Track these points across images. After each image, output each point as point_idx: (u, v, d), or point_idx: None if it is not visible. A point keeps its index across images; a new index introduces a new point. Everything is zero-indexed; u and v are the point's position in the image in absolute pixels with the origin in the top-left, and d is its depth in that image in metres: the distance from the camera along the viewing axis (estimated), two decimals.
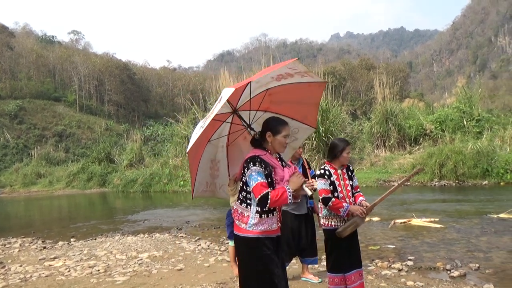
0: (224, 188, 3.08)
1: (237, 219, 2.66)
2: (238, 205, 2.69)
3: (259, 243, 2.57)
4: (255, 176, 2.51)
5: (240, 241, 2.65)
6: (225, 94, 2.46)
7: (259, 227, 2.57)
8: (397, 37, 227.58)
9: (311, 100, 3.09)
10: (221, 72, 24.03)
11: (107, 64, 73.58)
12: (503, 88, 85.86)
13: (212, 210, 12.80)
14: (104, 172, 27.99)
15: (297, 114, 3.08)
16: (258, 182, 2.48)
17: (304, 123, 3.15)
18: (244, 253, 2.64)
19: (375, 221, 8.15)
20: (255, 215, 2.59)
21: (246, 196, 2.63)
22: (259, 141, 2.69)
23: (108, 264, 6.00)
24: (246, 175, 2.57)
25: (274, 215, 2.63)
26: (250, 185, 2.51)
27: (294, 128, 3.09)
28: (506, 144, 15.87)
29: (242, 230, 2.61)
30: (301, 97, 2.97)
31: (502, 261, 4.98)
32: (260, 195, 2.45)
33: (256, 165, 2.54)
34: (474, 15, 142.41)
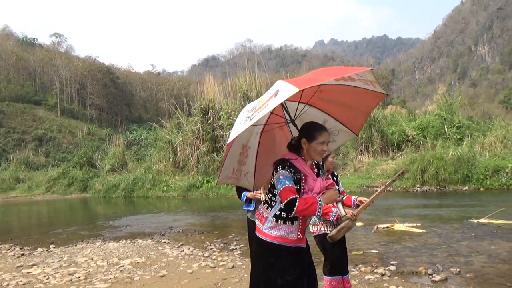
0: (248, 176, 2.93)
1: (258, 219, 2.65)
2: (262, 206, 2.68)
3: (275, 250, 2.52)
4: (282, 180, 2.41)
5: (258, 241, 2.63)
6: (285, 92, 2.16)
7: (274, 232, 2.52)
8: (380, 45, 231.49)
9: (362, 107, 2.88)
10: (206, 77, 24.03)
11: (90, 68, 72.70)
12: (483, 96, 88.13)
13: (196, 216, 12.70)
14: (86, 177, 27.52)
15: (342, 116, 2.89)
16: (286, 186, 2.39)
17: (347, 126, 2.94)
18: (259, 254, 2.64)
19: (358, 226, 8.20)
20: (272, 218, 2.54)
21: (271, 198, 2.58)
22: (295, 146, 2.58)
23: (88, 271, 5.87)
24: (274, 177, 2.49)
25: (294, 224, 2.53)
26: (278, 189, 2.43)
27: (334, 130, 2.92)
28: (486, 150, 16.22)
29: (260, 231, 2.60)
30: (353, 102, 2.78)
31: (482, 265, 5.06)
32: (287, 200, 2.36)
33: (285, 169, 2.43)
34: (454, 25, 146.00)
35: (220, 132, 21.36)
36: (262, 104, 2.33)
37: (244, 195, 4.38)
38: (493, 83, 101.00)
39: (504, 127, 17.95)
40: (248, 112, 2.50)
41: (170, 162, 23.12)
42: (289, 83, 2.19)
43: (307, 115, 2.82)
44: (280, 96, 2.16)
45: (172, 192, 20.56)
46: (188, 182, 20.33)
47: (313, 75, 2.48)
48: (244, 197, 4.38)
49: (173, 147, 23.28)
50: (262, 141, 2.87)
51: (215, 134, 21.56)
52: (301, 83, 2.21)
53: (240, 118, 2.61)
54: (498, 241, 6.22)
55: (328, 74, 2.37)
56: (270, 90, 2.40)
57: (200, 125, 22.02)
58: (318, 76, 2.40)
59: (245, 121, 2.40)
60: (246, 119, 2.42)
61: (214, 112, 21.85)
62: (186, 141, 22.59)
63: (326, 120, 2.88)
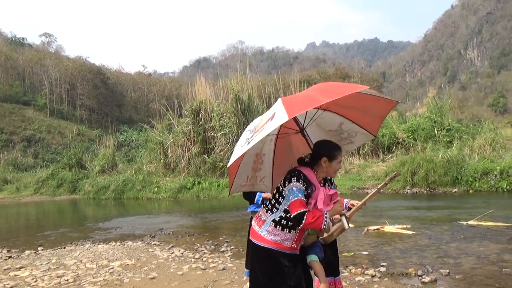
0: (265, 181, 2.94)
1: (255, 221, 2.68)
2: (262, 208, 2.71)
3: (271, 256, 2.55)
4: (295, 192, 2.46)
5: (255, 248, 2.65)
6: (278, 118, 2.17)
7: (270, 236, 2.55)
8: (371, 48, 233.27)
9: (377, 112, 2.86)
10: (197, 78, 23.98)
11: (80, 68, 71.99)
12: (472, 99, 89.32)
13: (187, 217, 12.64)
14: (75, 179, 27.21)
15: (359, 119, 2.88)
16: (298, 199, 2.44)
17: (364, 128, 2.95)
18: (256, 260, 2.66)
19: (349, 228, 8.21)
20: (270, 222, 2.58)
21: (274, 204, 2.61)
22: (308, 161, 2.63)
23: (77, 273, 5.80)
24: (286, 187, 2.53)
25: (291, 233, 2.58)
26: (288, 199, 2.48)
27: (351, 131, 2.95)
28: (475, 153, 16.39)
29: (256, 234, 2.62)
30: (367, 107, 2.77)
31: (471, 266, 5.10)
32: (297, 212, 2.42)
33: (300, 182, 2.49)
34: (445, 29, 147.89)
35: (211, 134, 21.31)
36: (260, 126, 2.36)
37: (260, 196, 4.21)
38: (482, 86, 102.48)
39: (493, 130, 18.16)
40: (249, 133, 2.53)
41: (160, 163, 22.98)
42: (284, 107, 2.22)
43: (323, 119, 2.86)
44: (274, 122, 2.19)
45: (162, 193, 20.44)
46: (179, 183, 20.23)
47: (312, 92, 2.46)
48: (260, 197, 4.21)
49: (164, 148, 23.15)
50: (278, 146, 2.89)
51: (206, 135, 21.50)
52: (294, 107, 2.23)
53: (242, 139, 2.62)
54: (487, 243, 6.29)
55: (326, 94, 2.33)
56: (271, 110, 2.43)
57: (191, 127, 21.94)
58: (315, 95, 2.37)
59: (245, 144, 2.44)
60: (246, 141, 2.47)
61: (206, 114, 21.79)
62: (177, 142, 22.48)
63: (342, 123, 2.91)
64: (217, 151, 20.70)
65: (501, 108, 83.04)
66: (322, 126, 2.95)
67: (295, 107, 2.24)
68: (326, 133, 2.97)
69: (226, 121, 20.76)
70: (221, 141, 20.69)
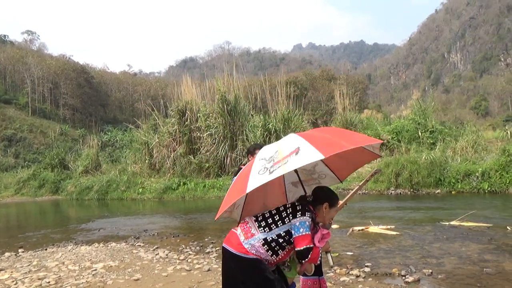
0: (238, 208, 2.96)
1: (242, 229, 2.62)
2: (252, 220, 2.64)
3: (256, 265, 2.52)
4: (307, 227, 2.54)
5: (235, 258, 2.56)
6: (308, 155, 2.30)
7: (254, 251, 2.53)
8: (357, 50, 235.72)
9: (355, 161, 3.03)
10: (184, 78, 23.84)
11: (63, 67, 70.91)
12: (455, 102, 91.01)
13: (171, 218, 12.53)
14: (57, 179, 26.77)
15: (334, 164, 3.01)
16: (307, 234, 2.53)
17: (335, 173, 3.10)
18: (239, 271, 2.56)
19: (334, 229, 8.27)
20: (260, 240, 2.55)
21: (269, 224, 2.59)
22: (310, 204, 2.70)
23: (59, 275, 5.69)
24: (297, 217, 2.55)
25: (272, 257, 2.57)
26: (298, 231, 2.52)
27: (322, 173, 3.07)
28: (457, 155, 16.67)
29: (238, 245, 2.55)
30: (348, 155, 2.84)
31: (454, 266, 5.18)
32: (305, 247, 2.49)
33: (311, 219, 2.59)
34: (429, 32, 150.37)
35: (197, 134, 21.21)
36: (281, 158, 2.40)
37: None
38: (465, 89, 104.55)
39: (475, 132, 18.50)
40: (265, 162, 2.51)
41: (145, 164, 22.78)
42: (312, 145, 2.33)
43: None
44: (304, 158, 2.28)
45: (147, 194, 20.25)
46: (164, 184, 20.07)
47: (329, 135, 2.61)
48: None
49: (149, 149, 22.95)
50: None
51: (192, 136, 21.39)
52: (326, 147, 2.33)
53: (257, 167, 2.55)
54: (468, 243, 6.39)
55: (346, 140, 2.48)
56: (286, 143, 2.52)
57: (177, 127, 21.80)
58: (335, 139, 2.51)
59: (264, 172, 2.42)
60: (264, 170, 2.44)
61: (192, 114, 21.68)
62: (162, 143, 22.32)
63: (317, 164, 3.01)
64: (203, 152, 20.61)
65: (483, 111, 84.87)
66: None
67: (327, 147, 2.33)
68: (299, 171, 2.97)
69: (212, 122, 20.69)
70: (207, 141, 20.60)
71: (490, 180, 13.72)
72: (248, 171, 2.59)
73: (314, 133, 2.78)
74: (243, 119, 20.66)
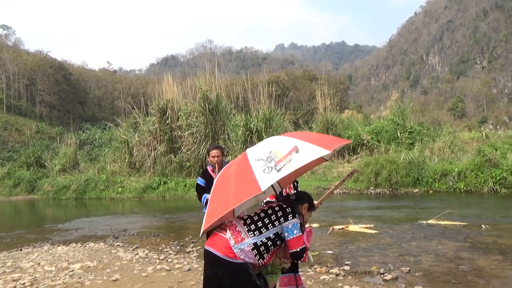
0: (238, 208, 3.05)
1: (231, 233, 2.56)
2: (240, 224, 2.61)
3: (245, 269, 2.50)
4: (299, 229, 2.66)
5: (221, 263, 2.50)
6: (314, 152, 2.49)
7: (242, 255, 2.50)
8: (339, 51, 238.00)
9: (302, 170, 3.11)
10: (165, 76, 23.58)
11: (40, 63, 68.97)
12: (433, 103, 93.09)
13: (151, 218, 12.40)
14: (34, 178, 26.10)
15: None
16: (301, 235, 2.64)
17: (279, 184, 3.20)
18: (225, 276, 2.50)
19: (314, 228, 8.33)
20: (250, 244, 2.53)
21: (259, 227, 2.59)
22: (292, 202, 2.82)
23: (35, 276, 5.55)
24: (288, 219, 2.63)
25: (258, 261, 2.56)
26: (292, 234, 2.61)
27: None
28: (435, 155, 17.06)
29: (225, 250, 2.50)
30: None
31: (430, 264, 5.29)
32: (301, 248, 2.61)
33: (300, 220, 2.71)
34: (408, 34, 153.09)
35: (178, 133, 21.03)
36: (282, 156, 2.48)
37: (205, 197, 4.34)
38: (443, 91, 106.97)
39: (452, 133, 18.97)
40: (265, 162, 2.50)
41: (125, 163, 22.44)
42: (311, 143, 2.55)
43: None
44: (308, 154, 2.47)
45: (127, 193, 19.96)
46: (144, 183, 19.83)
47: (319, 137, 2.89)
48: (205, 199, 4.35)
49: (129, 147, 22.62)
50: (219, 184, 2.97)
51: (173, 134, 21.20)
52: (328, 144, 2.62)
53: (259, 167, 2.50)
54: (445, 241, 6.54)
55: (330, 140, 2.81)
56: (278, 143, 2.65)
57: (158, 125, 21.57)
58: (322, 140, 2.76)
59: (271, 171, 2.43)
60: (270, 169, 2.44)
61: (173, 112, 21.48)
62: (142, 141, 22.03)
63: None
64: (184, 151, 20.45)
65: (459, 112, 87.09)
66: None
67: (328, 143, 2.63)
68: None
69: (193, 120, 20.55)
70: (188, 140, 20.46)
71: (466, 179, 14.08)
72: (245, 172, 2.53)
73: (296, 134, 2.85)
74: (225, 118, 20.60)
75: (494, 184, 13.36)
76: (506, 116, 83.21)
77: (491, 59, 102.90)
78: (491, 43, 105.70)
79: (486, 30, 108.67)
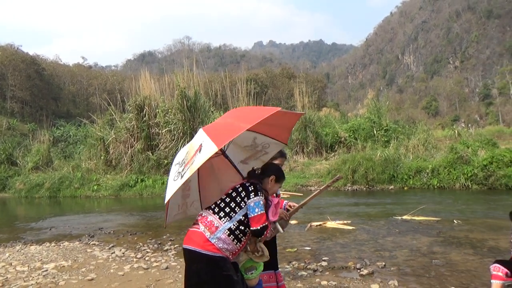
0: (195, 204, 3.05)
1: (204, 226, 2.56)
2: (210, 213, 2.62)
3: (224, 264, 2.51)
4: (261, 206, 2.60)
5: (200, 258, 2.50)
6: (207, 150, 2.35)
7: (220, 245, 2.51)
8: (316, 49, 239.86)
9: (285, 124, 3.09)
10: (142, 72, 23.21)
11: (11, 57, 66.65)
12: (408, 101, 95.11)
13: (128, 216, 12.21)
14: (4, 176, 25.26)
15: (270, 132, 3.06)
16: (262, 213, 2.58)
17: (275, 139, 3.14)
18: (205, 271, 2.49)
19: (292, 224, 8.40)
20: (225, 230, 2.53)
21: (228, 212, 2.58)
22: (257, 177, 2.78)
23: (6, 277, 5.38)
24: (250, 197, 2.59)
25: (236, 245, 2.59)
26: (254, 212, 2.57)
27: (265, 144, 3.12)
28: (410, 152, 17.47)
29: (203, 244, 2.50)
30: (275, 121, 2.92)
31: (405, 259, 5.42)
32: (262, 225, 2.56)
33: (263, 196, 2.65)
34: (384, 34, 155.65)
35: (155, 130, 20.77)
36: (190, 158, 2.50)
37: None
38: (417, 90, 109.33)
39: (426, 131, 19.47)
40: (178, 167, 2.62)
41: (101, 160, 22.01)
42: (210, 138, 2.41)
43: (237, 138, 2.87)
44: (204, 153, 2.36)
45: (103, 191, 19.59)
46: (121, 181, 19.51)
47: (231, 120, 2.71)
48: None
49: (105, 145, 22.19)
50: (201, 171, 2.98)
51: (151, 131, 20.92)
52: (221, 137, 2.42)
53: (172, 173, 2.68)
54: (419, 236, 6.72)
55: (245, 120, 2.55)
56: (196, 140, 2.56)
57: (135, 122, 21.23)
58: (236, 122, 2.60)
59: (178, 178, 2.53)
60: (177, 175, 2.56)
61: (150, 109, 21.19)
62: (119, 139, 21.65)
63: (255, 138, 3.05)
64: (161, 148, 20.23)
65: (433, 111, 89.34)
66: (238, 143, 3.06)
67: (221, 137, 2.43)
68: (243, 149, 3.09)
69: (171, 118, 20.34)
70: (166, 137, 20.24)
71: (439, 176, 14.49)
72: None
73: (220, 120, 2.88)
74: (203, 115, 20.47)
75: (466, 180, 13.80)
76: (477, 114, 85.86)
77: (463, 59, 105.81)
78: (463, 44, 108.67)
79: (459, 31, 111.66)
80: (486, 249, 5.74)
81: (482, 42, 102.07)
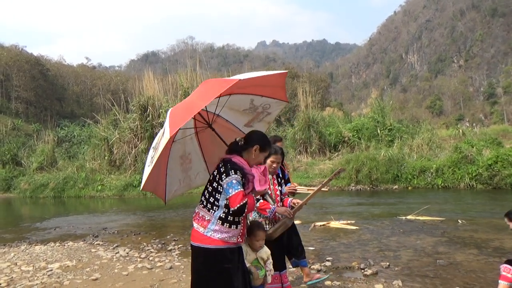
0: (201, 174, 3.02)
1: (197, 222, 2.60)
2: (201, 208, 2.62)
3: (221, 256, 2.52)
4: (235, 185, 2.46)
5: (199, 252, 2.56)
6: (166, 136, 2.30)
7: (217, 235, 2.51)
8: (320, 49, 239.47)
9: (276, 83, 2.98)
10: (145, 73, 23.30)
11: (16, 58, 67.05)
12: (412, 101, 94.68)
13: (132, 216, 12.25)
14: (9, 176, 25.45)
15: (265, 92, 2.96)
16: (238, 191, 2.45)
17: (274, 97, 3.03)
18: (203, 265, 2.55)
19: (296, 225, 8.38)
20: (217, 221, 2.54)
21: (213, 202, 2.57)
22: (240, 148, 2.64)
23: (11, 277, 5.41)
24: (223, 180, 2.50)
25: (238, 228, 2.58)
26: (228, 193, 2.47)
27: (265, 104, 3.03)
28: (414, 152, 17.39)
29: (201, 237, 2.54)
30: (265, 82, 2.88)
31: (409, 258, 5.40)
32: (239, 205, 2.42)
33: (237, 174, 2.50)
34: (388, 33, 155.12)
35: (159, 130, 20.78)
36: (157, 143, 2.52)
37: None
38: (421, 89, 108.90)
39: (430, 130, 19.39)
40: (152, 151, 2.62)
41: (105, 160, 22.10)
42: (169, 123, 2.36)
43: (233, 102, 2.89)
44: (164, 140, 2.30)
45: (107, 191, 19.67)
46: (125, 181, 19.57)
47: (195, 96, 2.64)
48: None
49: (108, 145, 22.28)
50: (202, 140, 2.98)
51: (154, 131, 20.97)
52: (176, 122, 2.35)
53: (148, 159, 2.70)
54: (423, 236, 6.69)
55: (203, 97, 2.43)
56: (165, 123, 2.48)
57: (139, 122, 21.31)
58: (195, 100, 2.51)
59: (150, 164, 2.54)
60: (151, 160, 2.56)
61: (154, 109, 21.25)
62: (123, 139, 21.73)
63: (253, 100, 2.98)
64: None
65: (437, 110, 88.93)
66: (235, 108, 3.00)
67: (176, 121, 2.35)
68: (242, 113, 3.04)
69: None
70: None
71: (443, 176, 14.42)
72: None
73: (186, 99, 2.77)
74: None
75: (470, 180, 13.72)
76: (481, 113, 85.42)
77: (467, 58, 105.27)
78: (467, 43, 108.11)
79: (463, 30, 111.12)
80: (491, 249, 5.71)
81: (486, 41, 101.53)
